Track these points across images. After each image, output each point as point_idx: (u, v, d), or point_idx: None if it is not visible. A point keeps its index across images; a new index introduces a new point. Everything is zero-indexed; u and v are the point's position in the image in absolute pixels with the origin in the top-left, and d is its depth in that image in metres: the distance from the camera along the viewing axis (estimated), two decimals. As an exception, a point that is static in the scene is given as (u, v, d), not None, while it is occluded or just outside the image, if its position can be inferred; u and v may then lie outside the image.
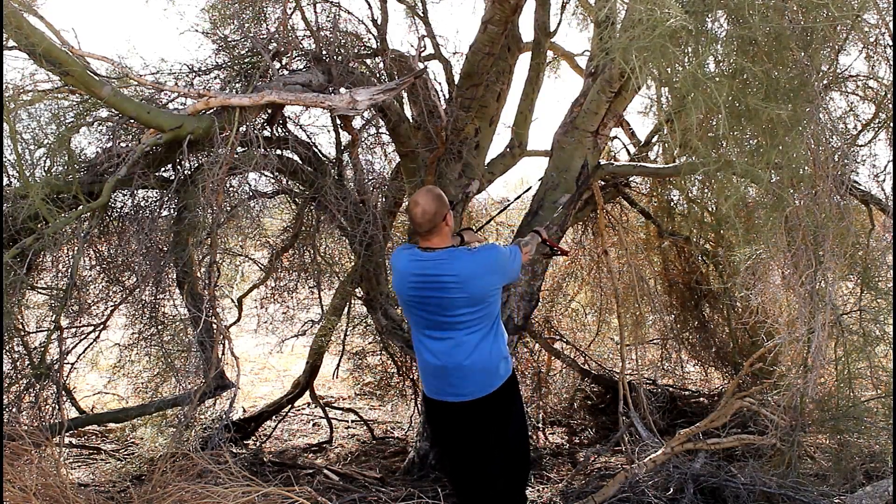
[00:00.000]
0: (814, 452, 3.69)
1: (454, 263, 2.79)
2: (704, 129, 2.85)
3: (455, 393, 2.88)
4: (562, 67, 6.44)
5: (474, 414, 2.89)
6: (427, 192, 2.84)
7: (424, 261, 2.83)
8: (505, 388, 2.92)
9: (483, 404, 2.87)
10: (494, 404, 2.90)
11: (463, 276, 2.77)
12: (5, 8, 2.88)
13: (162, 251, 3.60)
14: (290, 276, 4.72)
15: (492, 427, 2.93)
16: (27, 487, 2.63)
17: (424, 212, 2.79)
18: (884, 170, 3.57)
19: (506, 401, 2.94)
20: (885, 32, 3.03)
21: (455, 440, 2.99)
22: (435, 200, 2.81)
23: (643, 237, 5.98)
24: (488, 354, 2.86)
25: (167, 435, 4.39)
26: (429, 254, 2.84)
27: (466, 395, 2.86)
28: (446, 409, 2.93)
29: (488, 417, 2.92)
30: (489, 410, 2.90)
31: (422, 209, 2.79)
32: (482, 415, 2.90)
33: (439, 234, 2.84)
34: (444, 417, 2.98)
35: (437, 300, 2.81)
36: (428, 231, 2.82)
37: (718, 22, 2.72)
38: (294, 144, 3.73)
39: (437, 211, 2.80)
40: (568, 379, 5.94)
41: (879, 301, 3.46)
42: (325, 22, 3.99)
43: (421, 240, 2.88)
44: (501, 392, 2.91)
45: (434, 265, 2.81)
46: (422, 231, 2.83)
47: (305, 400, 5.68)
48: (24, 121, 3.28)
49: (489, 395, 2.87)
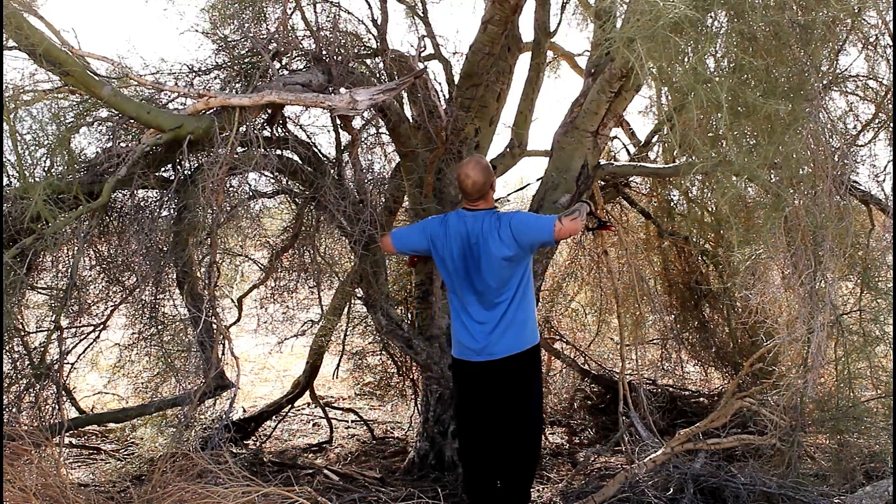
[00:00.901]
0: (814, 452, 3.69)
1: (489, 220, 3.19)
2: (704, 127, 2.85)
3: (479, 353, 3.19)
4: (562, 67, 6.43)
5: (499, 373, 3.20)
6: (476, 164, 3.23)
7: (468, 218, 3.24)
8: (530, 353, 3.25)
9: (506, 364, 3.18)
10: (519, 366, 3.21)
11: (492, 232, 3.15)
12: (5, 8, 2.88)
13: (162, 251, 3.60)
14: (290, 276, 4.72)
15: (516, 388, 3.23)
16: (27, 487, 2.62)
17: (475, 182, 3.19)
18: (884, 170, 3.58)
19: (530, 366, 3.27)
20: (885, 32, 3.03)
21: (482, 401, 3.27)
22: (483, 172, 3.21)
23: (643, 237, 5.98)
24: (515, 316, 3.19)
25: (167, 435, 4.39)
26: (472, 212, 3.25)
27: (492, 355, 3.17)
28: (472, 366, 3.24)
29: (514, 377, 3.22)
30: (513, 371, 3.21)
31: (472, 181, 3.19)
32: (506, 374, 3.20)
33: (485, 199, 3.27)
34: (468, 375, 3.28)
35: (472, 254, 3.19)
36: (477, 199, 3.24)
37: (718, 21, 2.72)
38: (294, 144, 3.73)
39: (486, 181, 3.22)
40: (568, 379, 5.94)
41: (879, 301, 3.46)
42: (325, 22, 3.98)
43: (467, 203, 3.28)
44: (528, 355, 3.24)
45: (474, 220, 3.22)
46: (472, 199, 3.24)
47: (305, 400, 5.67)
48: (24, 121, 3.28)
49: (517, 355, 3.19)
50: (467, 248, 3.21)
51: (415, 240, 3.43)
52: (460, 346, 3.29)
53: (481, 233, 3.18)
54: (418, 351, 4.20)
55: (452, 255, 3.24)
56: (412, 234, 3.46)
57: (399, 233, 3.56)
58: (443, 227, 3.30)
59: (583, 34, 7.69)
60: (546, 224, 3.13)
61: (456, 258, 3.23)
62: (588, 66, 4.28)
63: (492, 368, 3.20)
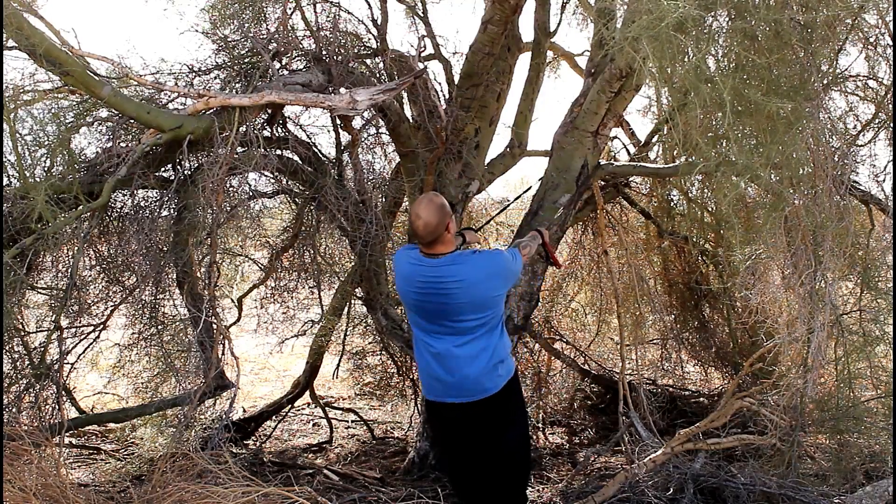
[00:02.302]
0: (814, 452, 3.69)
1: (459, 268, 2.79)
2: (705, 126, 2.85)
3: (456, 395, 2.87)
4: (562, 67, 6.44)
5: (475, 415, 2.89)
6: (428, 203, 2.81)
7: (428, 266, 2.83)
8: (506, 389, 2.92)
9: (484, 405, 2.87)
10: (495, 405, 2.89)
11: (467, 281, 2.77)
12: (6, 8, 2.88)
13: (162, 251, 3.60)
14: (290, 276, 4.72)
15: (493, 428, 2.93)
16: (27, 487, 2.62)
17: (427, 224, 2.77)
18: (884, 170, 3.57)
19: (507, 402, 2.94)
20: (885, 32, 3.03)
21: (456, 442, 2.99)
22: (437, 212, 2.78)
23: (643, 237, 5.98)
24: (490, 357, 2.86)
25: (167, 435, 4.39)
26: (433, 260, 2.83)
27: (467, 397, 2.86)
28: (448, 410, 2.92)
29: (489, 419, 2.91)
30: (490, 412, 2.90)
31: (423, 222, 2.77)
32: (483, 416, 2.90)
33: (442, 241, 2.83)
34: (445, 419, 2.98)
35: (441, 305, 2.81)
36: (431, 242, 2.82)
37: (718, 21, 2.72)
38: (294, 144, 3.73)
39: (440, 222, 2.79)
40: (568, 379, 5.94)
41: (879, 301, 3.46)
42: (325, 22, 3.99)
43: (424, 248, 2.86)
44: (503, 394, 2.90)
45: (438, 270, 2.80)
46: (425, 242, 2.82)
47: (305, 400, 5.68)
48: (24, 121, 3.28)
49: (490, 397, 2.87)
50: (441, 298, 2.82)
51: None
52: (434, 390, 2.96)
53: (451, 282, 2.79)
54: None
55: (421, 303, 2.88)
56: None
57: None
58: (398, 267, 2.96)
59: (583, 34, 7.71)
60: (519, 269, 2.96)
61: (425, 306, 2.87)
62: (588, 66, 4.28)
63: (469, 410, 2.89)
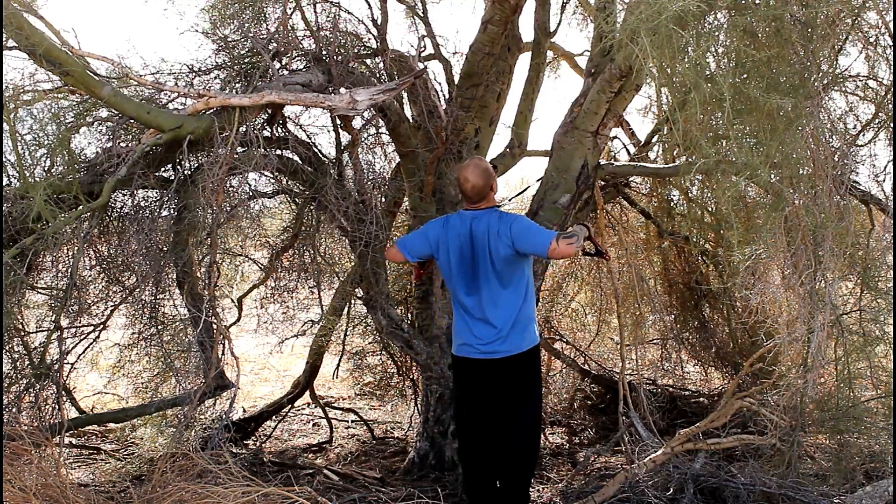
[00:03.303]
0: (814, 452, 3.68)
1: (492, 216, 3.20)
2: (705, 125, 2.85)
3: (482, 351, 3.18)
4: (562, 67, 6.43)
5: (498, 372, 3.19)
6: (475, 167, 3.23)
7: (469, 216, 3.25)
8: (531, 353, 3.25)
9: (507, 364, 3.17)
10: (520, 366, 3.20)
11: (492, 230, 3.15)
12: (5, 9, 2.88)
13: (162, 251, 3.60)
14: (290, 276, 4.71)
15: (516, 388, 3.21)
16: (27, 487, 2.62)
17: (475, 185, 3.20)
18: (884, 170, 3.57)
19: (530, 367, 3.26)
20: (885, 32, 3.03)
21: (479, 398, 3.27)
22: (483, 175, 3.21)
23: (643, 237, 5.98)
24: (517, 319, 3.17)
25: (167, 435, 4.39)
26: (473, 212, 3.26)
27: (493, 354, 3.16)
28: (472, 365, 3.23)
29: (513, 377, 3.21)
30: (515, 370, 3.20)
31: (472, 184, 3.20)
32: (505, 375, 3.19)
33: (487, 200, 3.27)
34: (469, 375, 3.27)
35: (471, 253, 3.19)
36: (478, 201, 3.25)
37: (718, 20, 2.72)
38: (294, 144, 3.73)
39: (485, 183, 3.22)
40: (568, 379, 5.94)
41: (879, 301, 3.46)
42: (325, 22, 3.98)
43: (469, 205, 3.28)
44: (528, 356, 3.22)
45: (476, 218, 3.22)
46: (473, 202, 3.25)
47: (305, 400, 5.67)
48: (24, 121, 3.28)
49: (514, 357, 3.18)
50: (471, 246, 3.21)
51: (419, 245, 3.41)
52: (462, 344, 3.28)
53: (485, 231, 3.18)
54: (418, 351, 4.20)
55: (456, 255, 3.24)
56: (416, 241, 3.44)
57: (404, 241, 3.50)
58: (444, 230, 3.31)
59: (583, 34, 7.69)
60: (543, 239, 3.09)
61: (460, 257, 3.24)
62: (588, 66, 4.28)
63: (493, 367, 3.20)
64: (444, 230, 3.30)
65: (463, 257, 3.23)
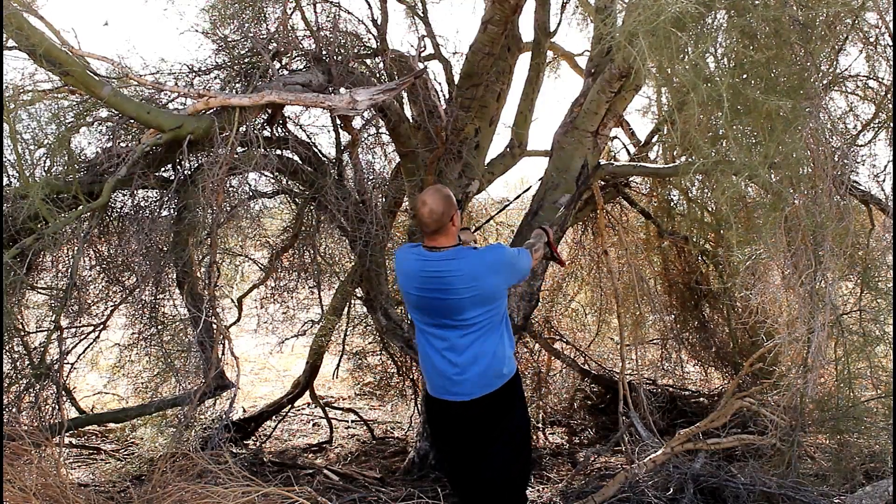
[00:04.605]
0: (814, 452, 3.68)
1: (460, 262, 2.76)
2: (705, 125, 2.85)
3: (457, 392, 2.86)
4: (562, 67, 6.43)
5: (475, 413, 2.87)
6: (435, 191, 2.81)
7: (431, 260, 2.80)
8: (507, 387, 2.90)
9: (484, 403, 2.86)
10: (495, 404, 2.88)
11: (468, 275, 2.74)
12: (6, 9, 2.88)
13: (162, 251, 3.60)
14: (290, 276, 4.72)
15: (492, 427, 2.92)
16: (27, 487, 2.63)
17: (432, 211, 2.75)
18: (884, 170, 3.57)
19: (507, 401, 2.92)
20: (885, 32, 3.03)
21: (456, 440, 2.97)
22: (443, 200, 2.77)
23: (643, 237, 5.98)
24: (492, 355, 2.84)
25: (167, 435, 4.39)
26: (435, 253, 2.81)
27: (467, 395, 2.85)
28: (448, 408, 2.91)
29: (489, 417, 2.90)
30: (490, 410, 2.88)
31: (429, 209, 2.75)
32: (483, 414, 2.88)
33: (446, 233, 2.81)
34: (445, 417, 2.96)
35: (442, 301, 2.79)
36: (435, 231, 2.79)
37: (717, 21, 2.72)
38: (294, 144, 3.73)
39: (445, 211, 2.76)
40: (568, 379, 5.94)
41: (879, 301, 3.46)
42: (325, 22, 3.99)
43: (427, 239, 2.84)
44: (503, 392, 2.89)
45: (439, 264, 2.78)
46: (428, 231, 2.80)
47: (305, 400, 5.68)
48: (24, 121, 3.28)
49: (490, 395, 2.86)
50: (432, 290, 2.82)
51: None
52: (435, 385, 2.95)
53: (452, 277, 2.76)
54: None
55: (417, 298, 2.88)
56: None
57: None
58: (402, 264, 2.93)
59: (583, 34, 7.70)
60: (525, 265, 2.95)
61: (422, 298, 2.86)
62: (588, 66, 4.28)
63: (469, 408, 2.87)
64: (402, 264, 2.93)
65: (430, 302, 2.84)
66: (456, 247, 2.83)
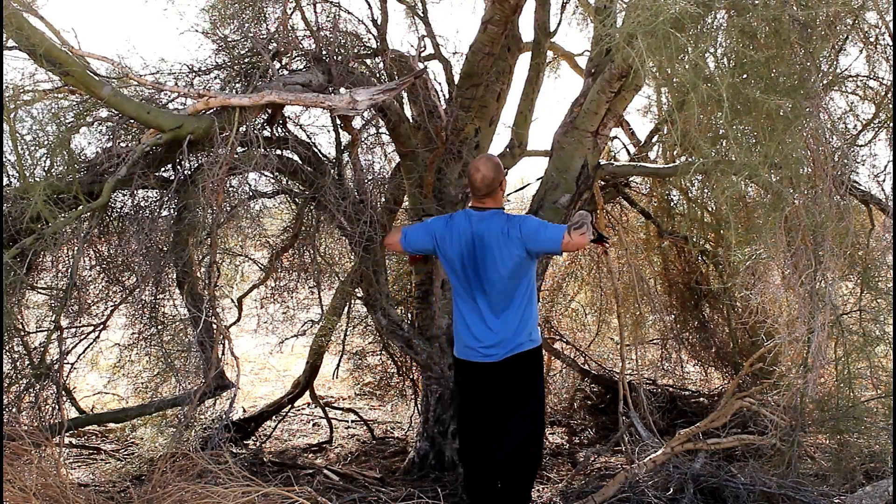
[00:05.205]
0: (814, 452, 3.69)
1: (499, 220, 3.17)
2: (705, 125, 2.85)
3: (487, 354, 3.17)
4: (562, 67, 6.43)
5: (502, 373, 3.17)
6: (487, 159, 3.24)
7: (475, 217, 3.21)
8: (533, 354, 3.24)
9: (512, 364, 3.16)
10: (521, 367, 3.19)
11: (501, 234, 3.12)
12: (6, 9, 2.88)
13: (162, 251, 3.60)
14: (290, 276, 4.71)
15: (515, 390, 3.20)
16: (27, 487, 2.63)
17: (485, 177, 3.17)
18: (884, 170, 3.57)
19: (532, 368, 3.24)
20: (885, 32, 3.03)
21: (479, 403, 3.26)
22: (494, 168, 3.20)
23: (643, 237, 5.98)
24: (520, 322, 3.16)
25: (167, 435, 4.39)
26: (480, 212, 3.22)
27: (497, 356, 3.15)
28: (476, 369, 3.21)
29: (514, 380, 3.19)
30: (516, 372, 3.18)
31: (482, 175, 3.17)
32: (510, 375, 3.18)
33: (494, 197, 3.23)
34: (470, 378, 3.26)
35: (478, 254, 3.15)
36: (485, 195, 3.21)
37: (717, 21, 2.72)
38: (294, 144, 3.73)
39: (496, 177, 3.20)
40: (568, 379, 5.94)
41: (879, 301, 3.47)
42: (325, 22, 3.98)
43: (475, 201, 3.26)
44: (529, 356, 3.21)
45: (482, 221, 3.18)
46: (480, 194, 3.22)
47: (305, 400, 5.67)
48: (24, 121, 3.27)
49: (516, 356, 3.16)
50: (474, 248, 3.17)
51: (420, 239, 3.40)
52: (463, 346, 3.26)
53: (489, 233, 3.14)
54: (418, 351, 4.20)
55: (458, 256, 3.21)
56: (418, 234, 3.42)
57: (406, 232, 3.49)
58: (448, 228, 3.27)
59: (583, 34, 7.69)
60: (555, 235, 3.09)
61: (462, 258, 3.20)
62: (588, 66, 4.28)
63: (494, 369, 3.18)
64: (448, 229, 3.26)
65: (466, 259, 3.19)
66: (499, 209, 3.25)
